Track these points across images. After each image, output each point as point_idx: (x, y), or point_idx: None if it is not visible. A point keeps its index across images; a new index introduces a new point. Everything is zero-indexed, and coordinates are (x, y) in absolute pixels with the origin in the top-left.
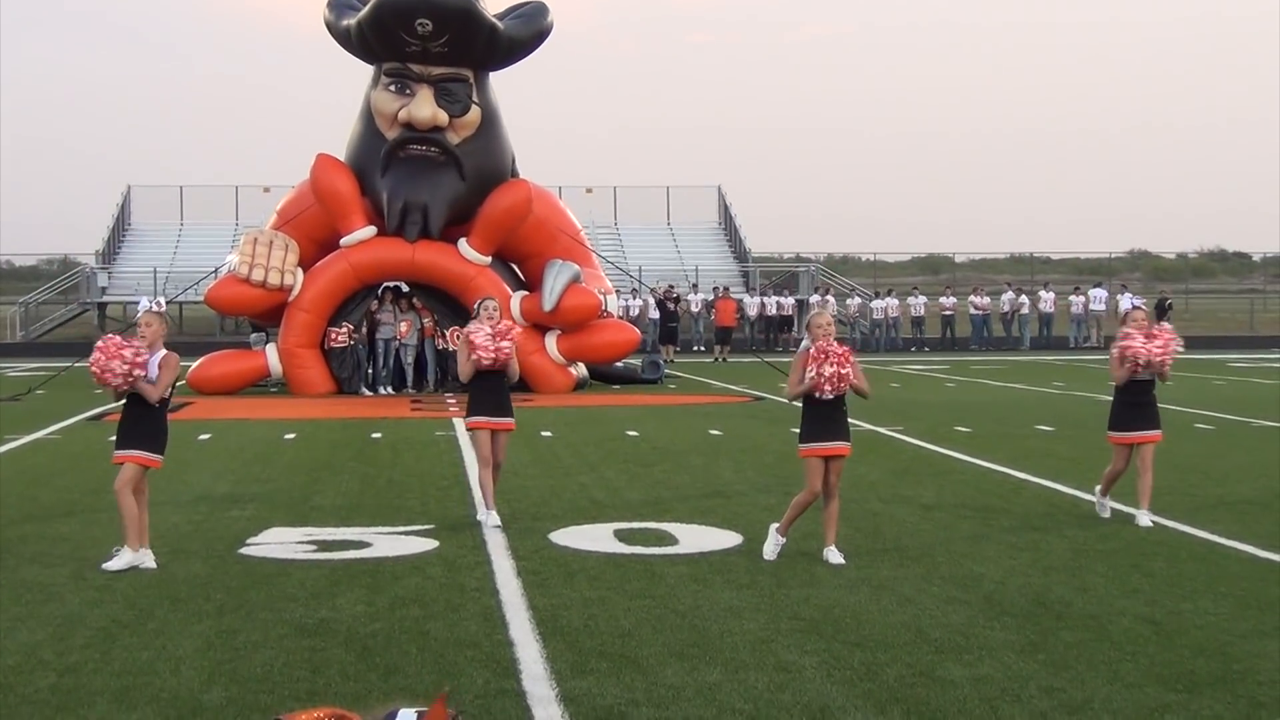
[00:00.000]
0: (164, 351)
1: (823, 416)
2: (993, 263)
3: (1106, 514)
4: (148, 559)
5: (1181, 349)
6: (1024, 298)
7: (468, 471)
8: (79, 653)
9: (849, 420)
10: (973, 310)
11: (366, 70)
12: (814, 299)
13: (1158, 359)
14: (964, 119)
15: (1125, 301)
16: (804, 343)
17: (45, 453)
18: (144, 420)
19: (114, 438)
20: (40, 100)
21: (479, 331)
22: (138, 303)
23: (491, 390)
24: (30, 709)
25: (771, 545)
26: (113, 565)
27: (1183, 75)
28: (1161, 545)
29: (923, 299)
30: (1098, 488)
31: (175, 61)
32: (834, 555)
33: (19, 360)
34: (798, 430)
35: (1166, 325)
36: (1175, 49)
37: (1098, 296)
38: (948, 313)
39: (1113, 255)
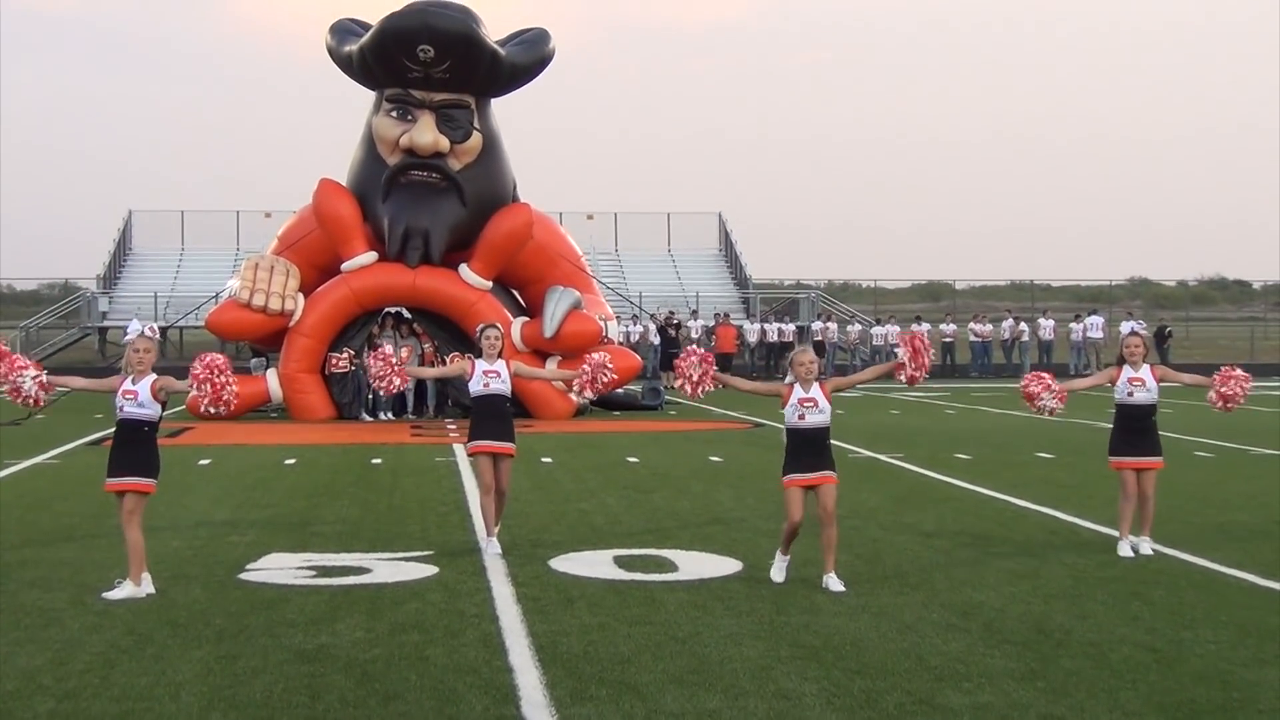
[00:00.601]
0: (154, 376)
1: (804, 448)
2: (993, 289)
3: (1128, 552)
4: (146, 584)
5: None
6: (1024, 325)
7: (468, 497)
8: (78, 678)
9: (832, 447)
10: (973, 337)
11: (368, 96)
12: (816, 325)
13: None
14: (965, 146)
15: (1126, 327)
16: (787, 378)
17: (45, 477)
18: (136, 446)
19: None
20: (41, 124)
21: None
22: (127, 326)
23: (493, 415)
24: None
25: (778, 568)
26: (113, 595)
27: (1183, 103)
28: (1162, 573)
29: (925, 326)
30: (1124, 540)
31: (177, 86)
32: (834, 582)
33: None
34: None
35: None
36: (1176, 77)
37: (1095, 324)
38: (948, 340)
39: (1113, 283)
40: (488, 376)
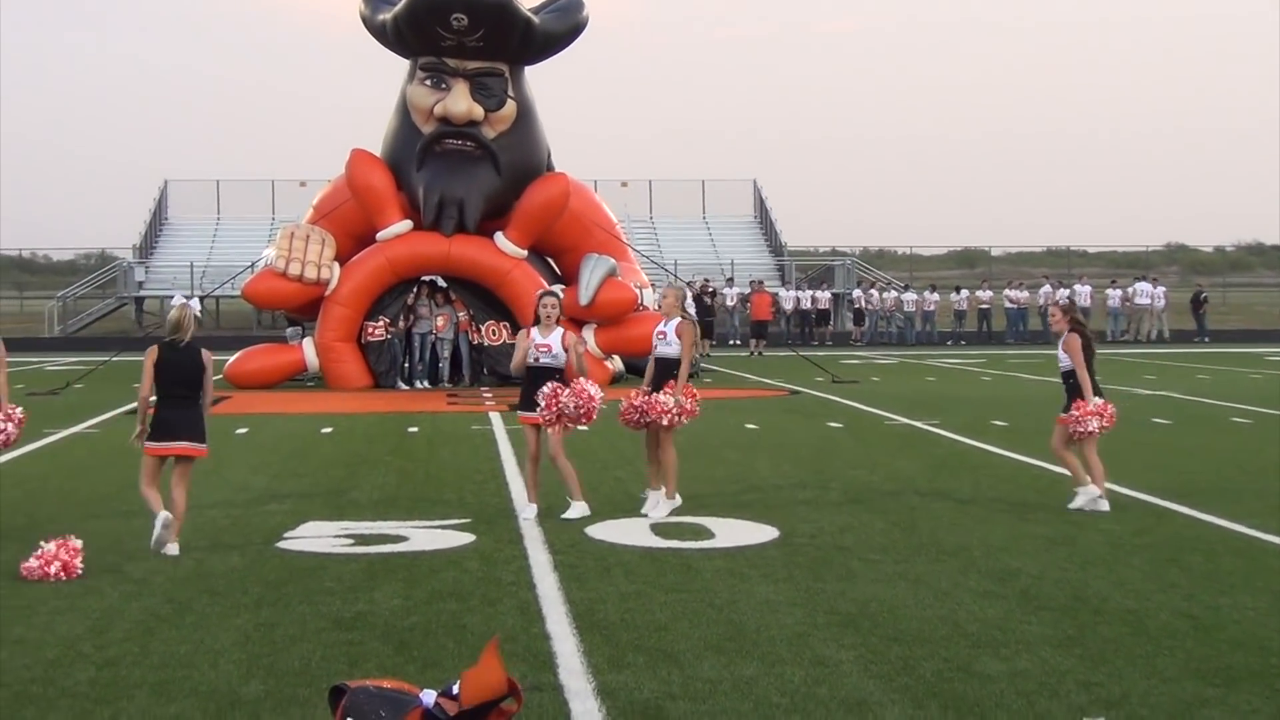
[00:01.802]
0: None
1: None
2: (1029, 256)
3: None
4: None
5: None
6: (1062, 290)
7: (504, 466)
8: (118, 646)
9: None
10: (1009, 304)
11: (402, 65)
12: (855, 293)
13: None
14: (1000, 113)
15: (1060, 294)
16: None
17: (83, 446)
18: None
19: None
20: (77, 95)
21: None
22: (171, 296)
23: (539, 385)
24: (69, 701)
25: (652, 501)
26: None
27: (1220, 68)
28: (1199, 539)
29: (965, 293)
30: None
31: (211, 56)
32: (664, 506)
33: (57, 354)
34: (835, 424)
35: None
36: (1211, 42)
37: (1143, 290)
38: (984, 306)
39: (1149, 249)
40: (539, 350)
